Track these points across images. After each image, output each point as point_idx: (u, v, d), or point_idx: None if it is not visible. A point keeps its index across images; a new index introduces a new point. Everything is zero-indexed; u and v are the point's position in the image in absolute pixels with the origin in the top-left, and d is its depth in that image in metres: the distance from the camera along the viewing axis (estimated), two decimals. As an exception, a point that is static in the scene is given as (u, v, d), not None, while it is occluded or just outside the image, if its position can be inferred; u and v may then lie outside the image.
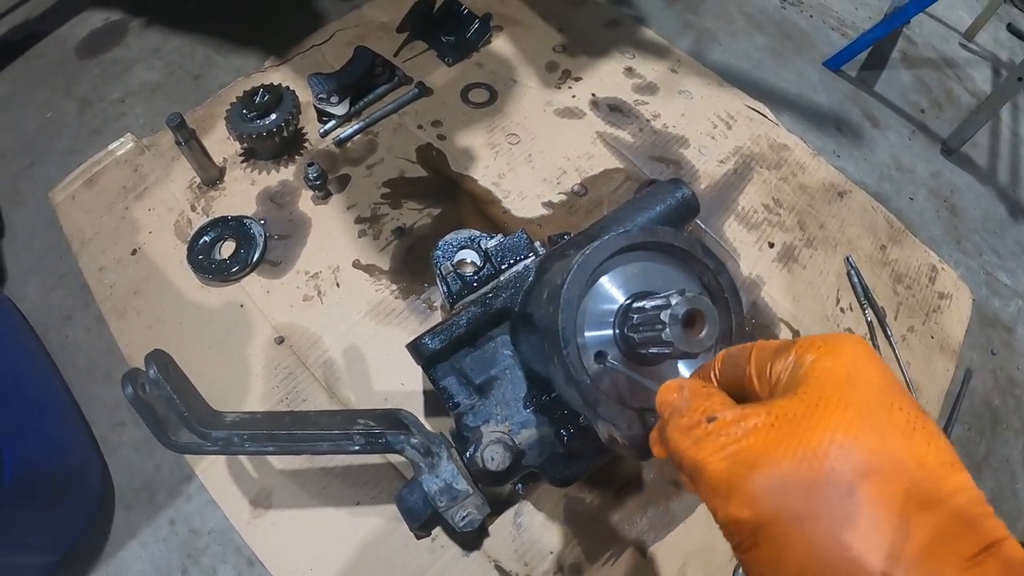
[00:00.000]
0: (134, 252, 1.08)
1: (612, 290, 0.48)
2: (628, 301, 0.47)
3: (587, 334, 0.47)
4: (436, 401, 0.93)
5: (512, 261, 0.71)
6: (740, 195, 1.22)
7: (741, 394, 0.38)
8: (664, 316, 0.43)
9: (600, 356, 0.47)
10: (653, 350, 0.45)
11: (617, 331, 0.47)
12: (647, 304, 0.45)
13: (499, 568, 0.82)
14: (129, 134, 1.22)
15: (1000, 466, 1.12)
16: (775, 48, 1.61)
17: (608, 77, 1.36)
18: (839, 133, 1.48)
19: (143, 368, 0.62)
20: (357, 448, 0.63)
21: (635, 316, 0.45)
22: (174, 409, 0.60)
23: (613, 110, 1.30)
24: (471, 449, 0.64)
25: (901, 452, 0.30)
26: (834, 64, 1.61)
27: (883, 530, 0.28)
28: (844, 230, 1.23)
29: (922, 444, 0.30)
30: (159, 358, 0.61)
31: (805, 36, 1.69)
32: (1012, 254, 1.44)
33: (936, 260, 1.26)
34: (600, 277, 0.48)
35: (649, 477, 0.91)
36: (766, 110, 1.37)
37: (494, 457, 0.62)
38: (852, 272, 1.16)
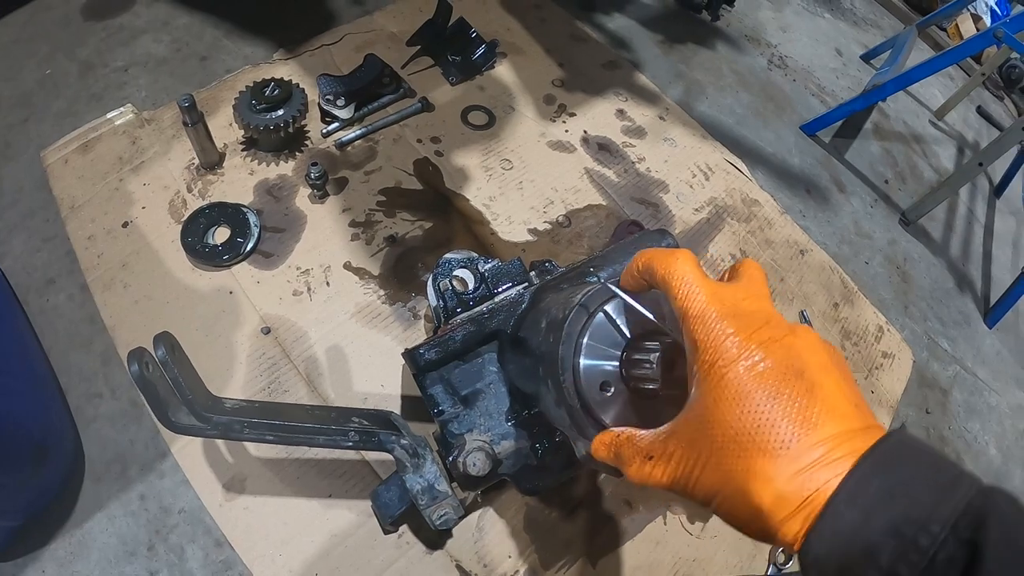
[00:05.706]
0: (125, 225, 1.08)
1: (621, 325, 0.53)
2: (630, 342, 0.53)
3: (592, 362, 0.52)
4: (413, 406, 0.97)
5: (506, 285, 0.77)
6: (710, 243, 1.30)
7: None
8: (653, 359, 0.49)
9: (605, 385, 0.52)
10: (644, 386, 0.50)
11: (620, 364, 0.53)
12: (644, 344, 0.51)
13: (460, 567, 0.87)
14: (129, 104, 1.23)
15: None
16: (758, 107, 1.72)
17: (600, 116, 1.43)
18: (807, 195, 1.59)
19: (144, 347, 0.65)
20: (350, 444, 0.67)
21: (632, 354, 0.51)
22: (178, 391, 0.63)
23: (602, 149, 1.37)
24: (455, 454, 0.69)
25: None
26: (810, 129, 1.72)
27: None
28: (802, 286, 1.32)
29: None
30: (167, 340, 0.64)
31: (787, 99, 1.80)
32: (955, 323, 1.56)
33: (883, 321, 1.36)
34: (608, 312, 0.54)
35: (604, 494, 0.97)
36: (743, 166, 1.47)
37: (476, 463, 0.67)
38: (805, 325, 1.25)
